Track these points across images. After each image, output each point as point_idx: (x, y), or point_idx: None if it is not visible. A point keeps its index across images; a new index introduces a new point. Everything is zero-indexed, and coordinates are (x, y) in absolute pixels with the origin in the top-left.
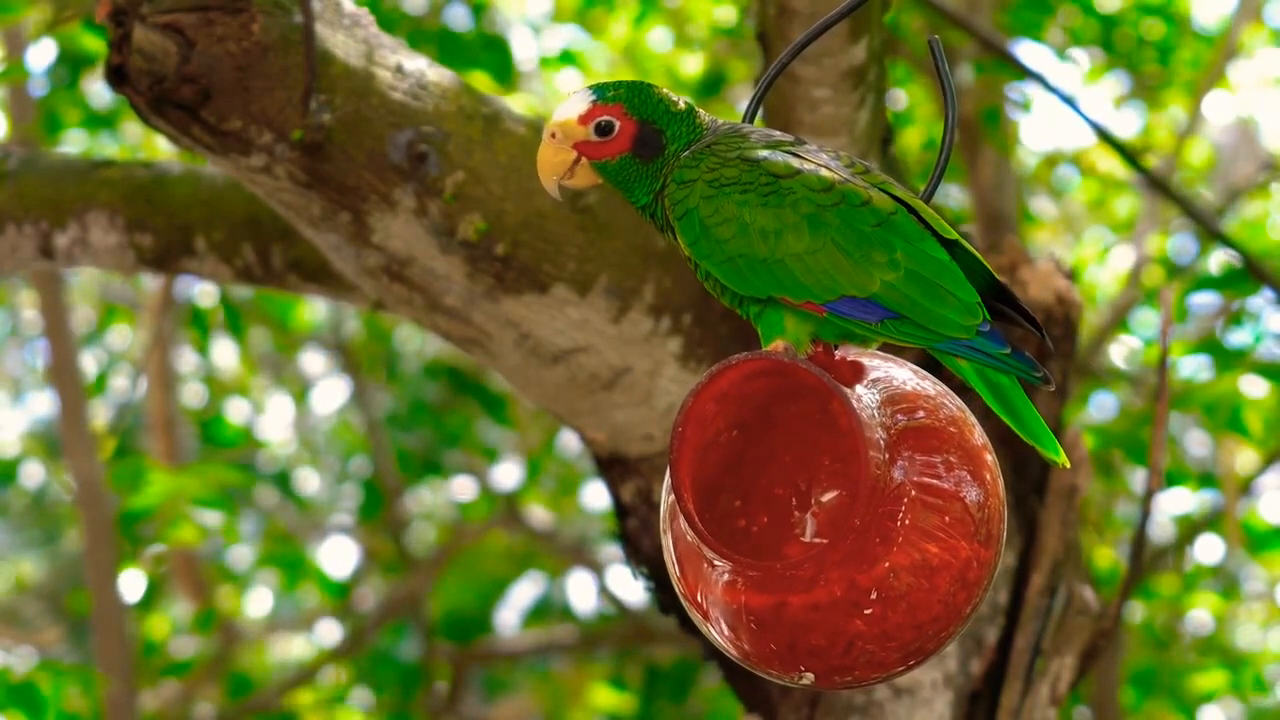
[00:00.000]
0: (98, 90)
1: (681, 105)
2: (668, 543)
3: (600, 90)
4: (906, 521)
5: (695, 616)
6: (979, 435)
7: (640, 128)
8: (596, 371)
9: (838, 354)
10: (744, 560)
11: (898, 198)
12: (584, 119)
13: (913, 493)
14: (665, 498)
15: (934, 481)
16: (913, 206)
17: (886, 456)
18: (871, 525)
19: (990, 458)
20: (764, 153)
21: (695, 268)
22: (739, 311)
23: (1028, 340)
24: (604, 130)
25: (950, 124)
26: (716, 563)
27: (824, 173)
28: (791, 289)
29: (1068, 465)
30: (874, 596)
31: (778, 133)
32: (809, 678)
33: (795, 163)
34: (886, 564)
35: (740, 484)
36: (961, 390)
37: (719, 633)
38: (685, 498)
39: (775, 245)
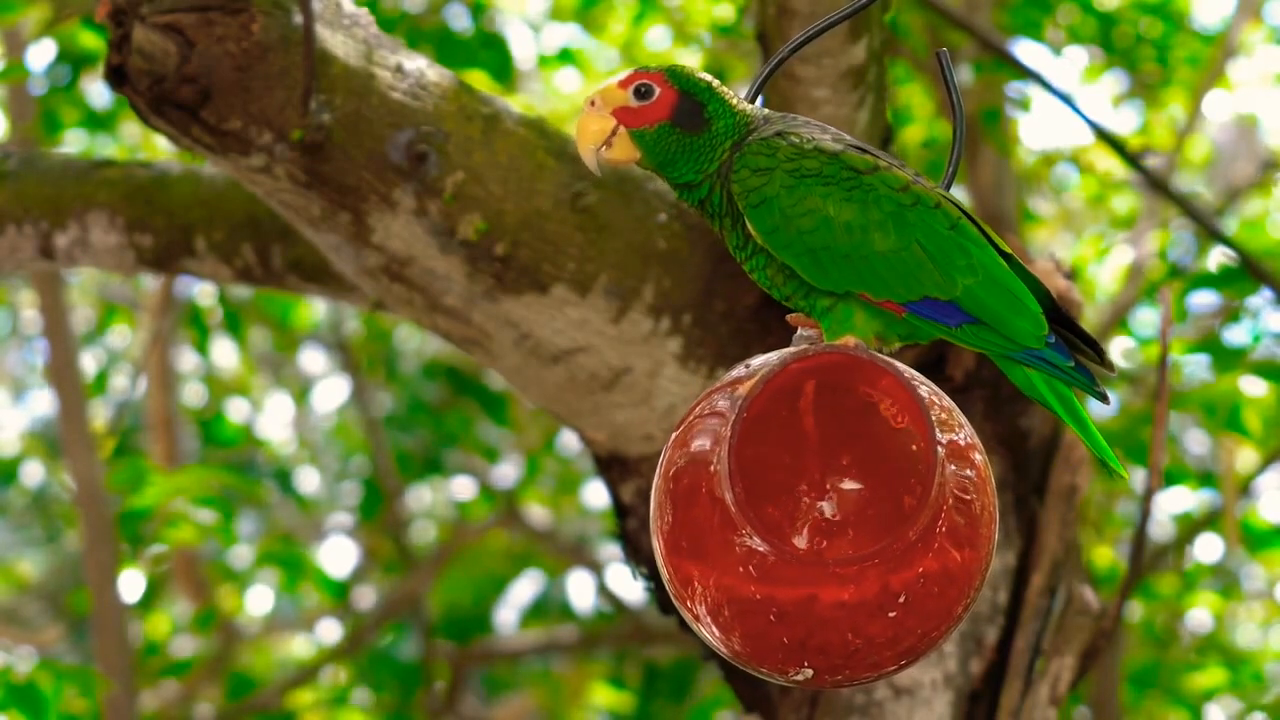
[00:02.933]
0: (97, 90)
1: (723, 90)
2: (661, 523)
3: (643, 67)
4: (944, 528)
5: (684, 604)
6: (968, 435)
7: (680, 97)
8: (596, 371)
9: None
10: (790, 549)
11: (955, 204)
12: (624, 83)
13: (951, 500)
14: (656, 491)
15: (959, 488)
16: (969, 214)
17: (947, 463)
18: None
19: (980, 458)
20: (838, 146)
21: (749, 255)
22: (801, 304)
23: None
24: (643, 94)
25: (959, 137)
26: (761, 550)
27: (898, 172)
28: (874, 286)
29: (1126, 476)
30: (901, 600)
31: (831, 127)
32: (808, 674)
33: (870, 159)
34: (920, 569)
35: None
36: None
37: (716, 622)
38: (737, 483)
39: (860, 241)
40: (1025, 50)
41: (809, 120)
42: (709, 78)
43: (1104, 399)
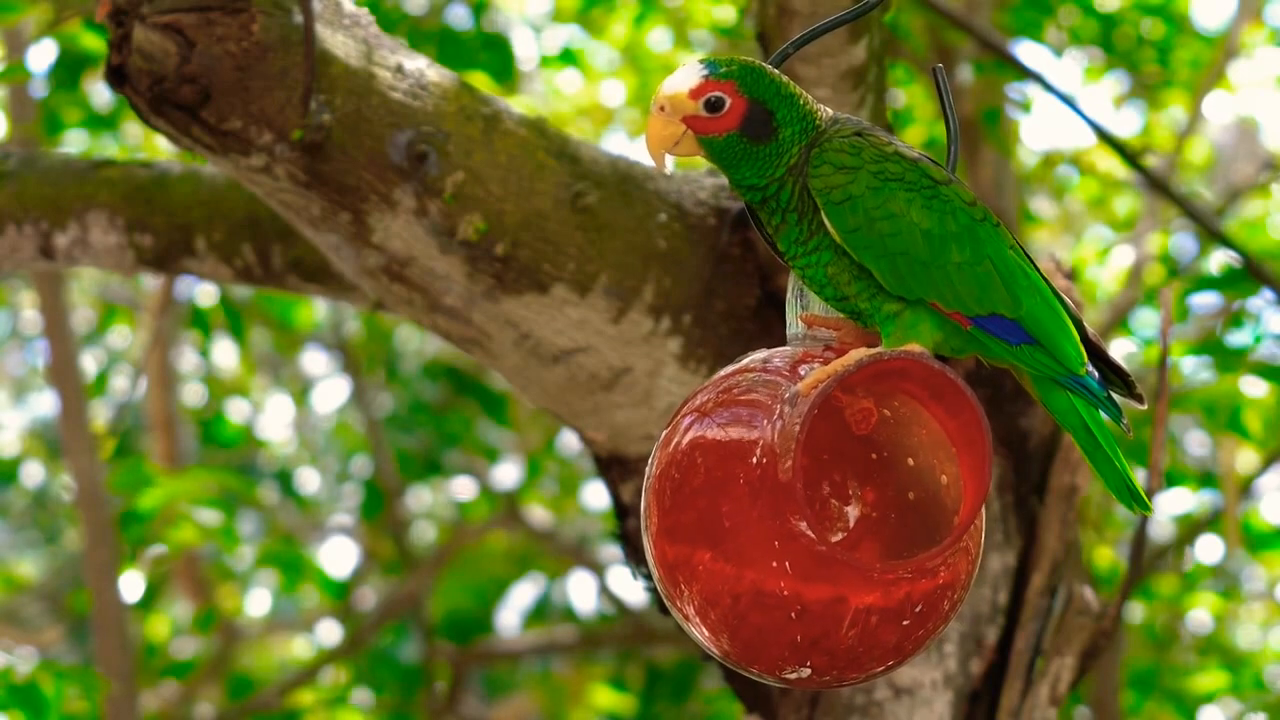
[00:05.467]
0: (99, 90)
1: (793, 89)
2: (658, 515)
3: (713, 66)
4: (967, 542)
5: (677, 600)
6: None
7: (750, 107)
8: (596, 371)
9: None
10: (848, 550)
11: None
12: (694, 93)
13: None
14: (657, 484)
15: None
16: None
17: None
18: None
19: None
20: (914, 153)
21: (809, 251)
22: (862, 307)
23: None
24: (714, 107)
25: (953, 156)
26: (812, 547)
27: (965, 186)
28: (946, 297)
29: (1151, 511)
30: (918, 610)
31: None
32: (805, 673)
33: (942, 171)
34: (941, 580)
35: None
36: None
37: (715, 617)
38: (799, 478)
39: (939, 250)
40: (1026, 51)
41: (874, 125)
42: (779, 78)
43: (1128, 432)
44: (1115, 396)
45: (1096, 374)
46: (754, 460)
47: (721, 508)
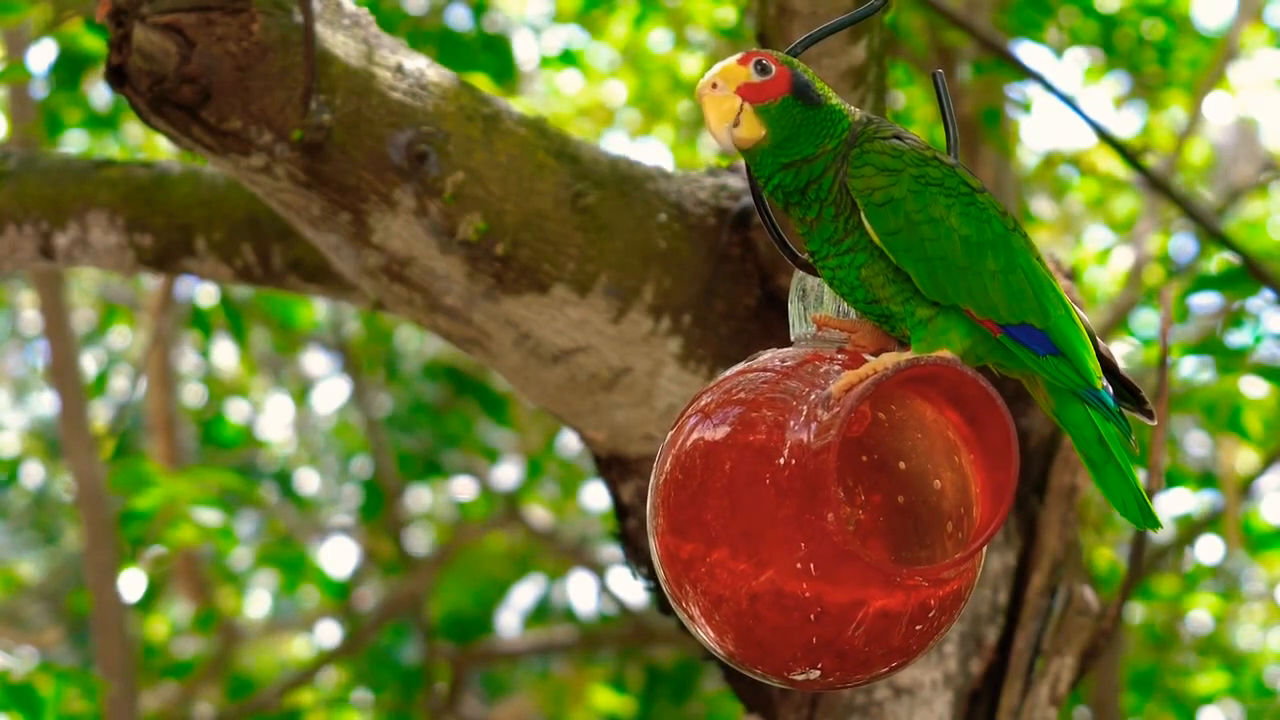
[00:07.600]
0: (99, 90)
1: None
2: (665, 513)
3: (749, 50)
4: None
5: (684, 601)
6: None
7: (794, 74)
8: (596, 372)
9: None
10: (874, 554)
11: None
12: (742, 61)
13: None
14: (666, 480)
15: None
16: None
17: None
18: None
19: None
20: (949, 159)
21: (843, 251)
22: (894, 310)
23: None
24: (763, 69)
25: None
26: (841, 549)
27: (995, 196)
28: (980, 304)
29: (1160, 527)
30: (931, 615)
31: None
32: (814, 675)
33: (977, 179)
34: (956, 586)
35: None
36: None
37: (722, 617)
38: (832, 481)
39: (975, 257)
40: (1026, 51)
41: (904, 129)
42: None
43: (1135, 449)
44: (1124, 411)
45: (1110, 388)
46: (781, 460)
47: (744, 507)
